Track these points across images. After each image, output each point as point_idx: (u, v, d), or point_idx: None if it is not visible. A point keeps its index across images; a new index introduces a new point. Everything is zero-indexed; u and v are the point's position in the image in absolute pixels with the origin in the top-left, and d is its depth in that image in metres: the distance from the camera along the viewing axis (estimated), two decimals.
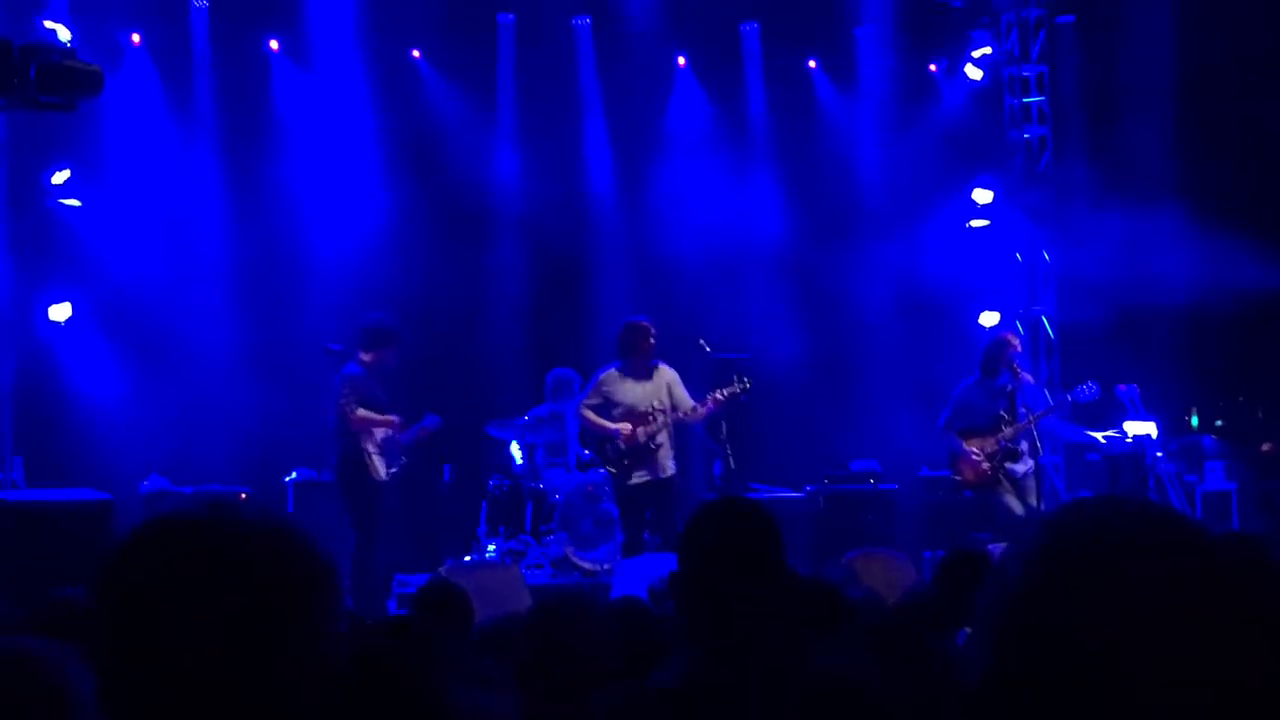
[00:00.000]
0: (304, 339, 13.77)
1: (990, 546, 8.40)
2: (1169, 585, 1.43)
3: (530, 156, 14.99)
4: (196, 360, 13.56)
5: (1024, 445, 11.88)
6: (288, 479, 13.17)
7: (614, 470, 11.90)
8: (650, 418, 11.78)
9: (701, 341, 12.77)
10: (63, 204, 13.34)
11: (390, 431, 11.33)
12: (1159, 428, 12.55)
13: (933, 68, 15.92)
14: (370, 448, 11.18)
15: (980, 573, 5.82)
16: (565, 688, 4.18)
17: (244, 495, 12.94)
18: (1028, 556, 1.50)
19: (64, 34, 12.46)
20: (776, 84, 15.72)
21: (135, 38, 13.98)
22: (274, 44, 14.40)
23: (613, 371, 11.94)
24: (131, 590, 1.72)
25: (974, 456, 11.83)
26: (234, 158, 14.14)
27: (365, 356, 11.34)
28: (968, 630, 4.92)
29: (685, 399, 11.87)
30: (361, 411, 11.12)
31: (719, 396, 11.80)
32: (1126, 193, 14.74)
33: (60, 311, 13.22)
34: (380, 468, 11.24)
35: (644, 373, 11.85)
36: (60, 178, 13.24)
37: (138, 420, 13.29)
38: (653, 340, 11.80)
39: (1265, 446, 13.34)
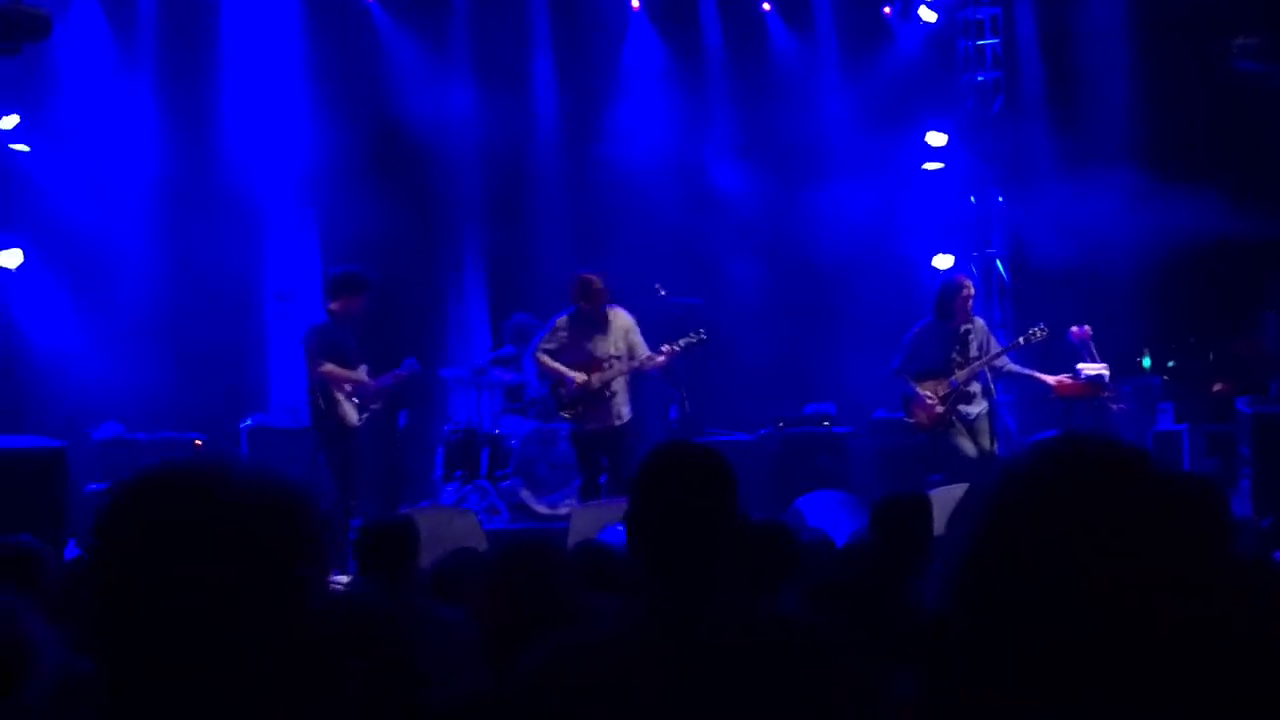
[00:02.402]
0: (256, 283, 13.73)
1: (935, 490, 8.46)
2: (1128, 515, 1.47)
3: (483, 99, 14.89)
4: (149, 306, 13.48)
5: (976, 387, 11.96)
6: (242, 425, 13.13)
7: (568, 414, 11.91)
8: (606, 364, 11.78)
9: (657, 286, 12.77)
10: (11, 149, 13.22)
11: (358, 384, 11.27)
12: (1111, 370, 12.63)
13: (887, 10, 15.89)
14: (340, 395, 11.16)
15: (918, 515, 5.87)
16: (524, 630, 4.20)
17: (198, 442, 12.92)
18: (992, 494, 1.52)
19: None
20: (731, 26, 15.66)
21: None
22: None
23: (570, 315, 11.90)
24: (128, 539, 1.71)
25: (927, 399, 11.90)
26: (183, 101, 14.00)
27: (333, 305, 11.28)
28: (915, 574, 4.96)
29: (641, 347, 11.84)
30: (328, 366, 11.08)
31: (675, 348, 11.78)
32: (1080, 136, 14.80)
33: (11, 258, 13.10)
34: (352, 414, 11.22)
35: (598, 320, 11.82)
36: (8, 123, 13.11)
37: (91, 367, 13.21)
38: (603, 287, 11.73)
39: (1216, 387, 13.45)
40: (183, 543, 1.69)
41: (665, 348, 11.79)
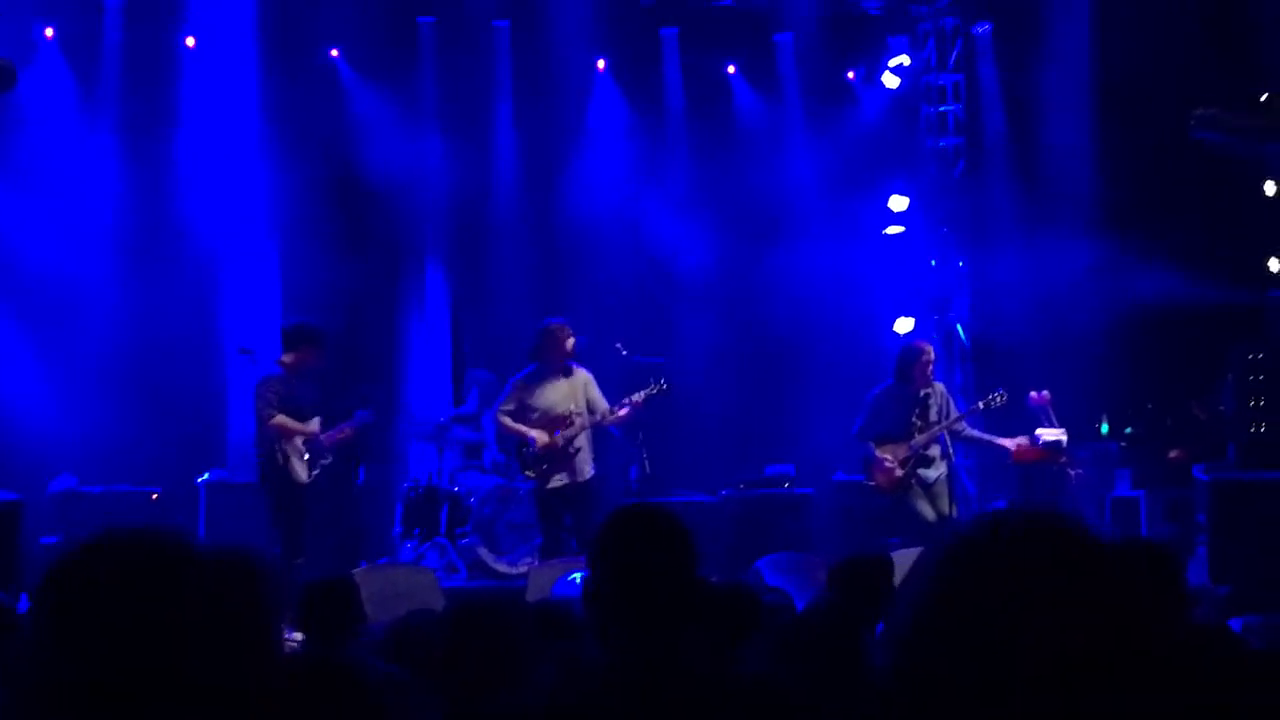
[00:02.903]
0: (217, 338, 13.68)
1: (894, 552, 8.48)
2: (1066, 600, 1.49)
3: (447, 152, 14.91)
4: (108, 357, 13.39)
5: (936, 451, 12.00)
6: (199, 480, 13.04)
7: (532, 474, 11.89)
8: (568, 421, 11.78)
9: (618, 345, 12.79)
10: None
11: (310, 437, 11.20)
12: (1069, 435, 12.69)
13: (851, 75, 16.02)
14: (289, 450, 11.08)
15: (877, 575, 5.88)
16: (480, 690, 4.17)
17: (155, 495, 12.82)
18: (940, 568, 1.55)
19: None
20: (696, 89, 15.73)
21: (48, 32, 13.81)
22: (190, 41, 14.22)
23: (529, 374, 11.93)
24: (76, 600, 1.69)
25: (887, 463, 11.93)
26: (145, 150, 13.96)
27: (286, 358, 11.22)
28: (876, 632, 4.97)
29: (601, 402, 11.88)
30: (279, 418, 11.00)
31: (636, 400, 11.83)
32: (1041, 201, 14.91)
33: None
34: (301, 470, 11.13)
35: (561, 375, 11.84)
36: None
37: (47, 418, 13.11)
38: (570, 341, 11.80)
39: (1173, 454, 13.51)
40: (133, 602, 1.67)
41: (627, 400, 11.82)
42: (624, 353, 12.75)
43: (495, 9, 15.00)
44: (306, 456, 11.15)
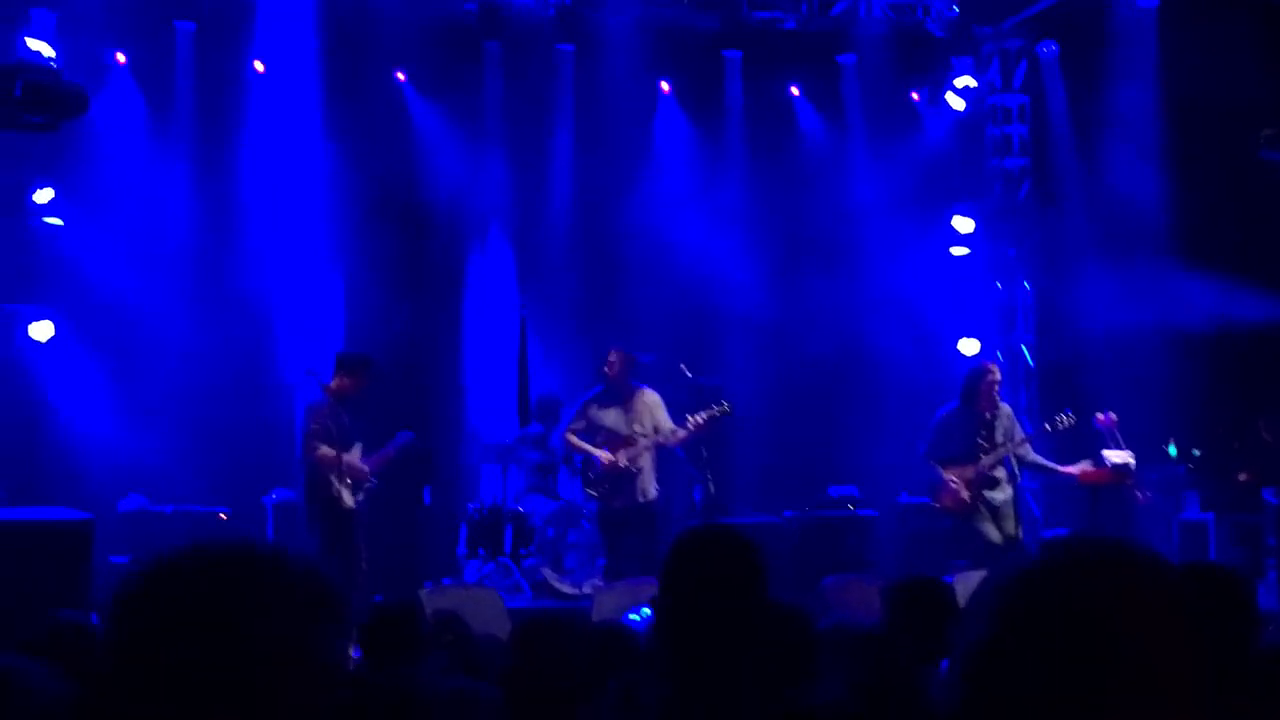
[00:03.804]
0: (284, 359, 13.78)
1: (949, 577, 8.42)
2: (1135, 636, 1.48)
3: (512, 181, 15.00)
4: (176, 379, 13.52)
5: (1002, 473, 11.94)
6: (267, 499, 13.15)
7: (596, 494, 11.95)
8: (631, 442, 11.84)
9: (682, 366, 12.81)
10: (46, 223, 13.34)
11: (351, 464, 11.26)
12: (1137, 457, 12.59)
13: (915, 96, 15.98)
14: (335, 477, 11.16)
15: (932, 599, 5.83)
16: (546, 711, 4.19)
17: (223, 515, 12.94)
18: (1004, 601, 1.54)
19: (48, 52, 12.47)
20: (759, 111, 15.74)
21: (120, 57, 13.97)
22: (259, 65, 14.38)
23: (596, 395, 12.01)
24: (149, 620, 1.71)
25: (953, 484, 11.88)
26: (214, 179, 14.12)
27: (332, 385, 11.32)
28: (939, 662, 4.95)
29: (666, 423, 11.94)
30: (322, 450, 11.09)
31: (699, 420, 11.88)
32: (1107, 222, 14.82)
33: (42, 330, 13.18)
34: (347, 496, 11.20)
35: (625, 397, 11.91)
36: (43, 196, 13.23)
37: (117, 439, 13.26)
38: (635, 364, 11.87)
39: (1241, 477, 13.38)
40: (206, 624, 1.69)
41: (690, 419, 11.86)
42: (689, 374, 12.77)
43: (559, 33, 15.08)
44: (350, 483, 11.22)
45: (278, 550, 1.79)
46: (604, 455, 11.80)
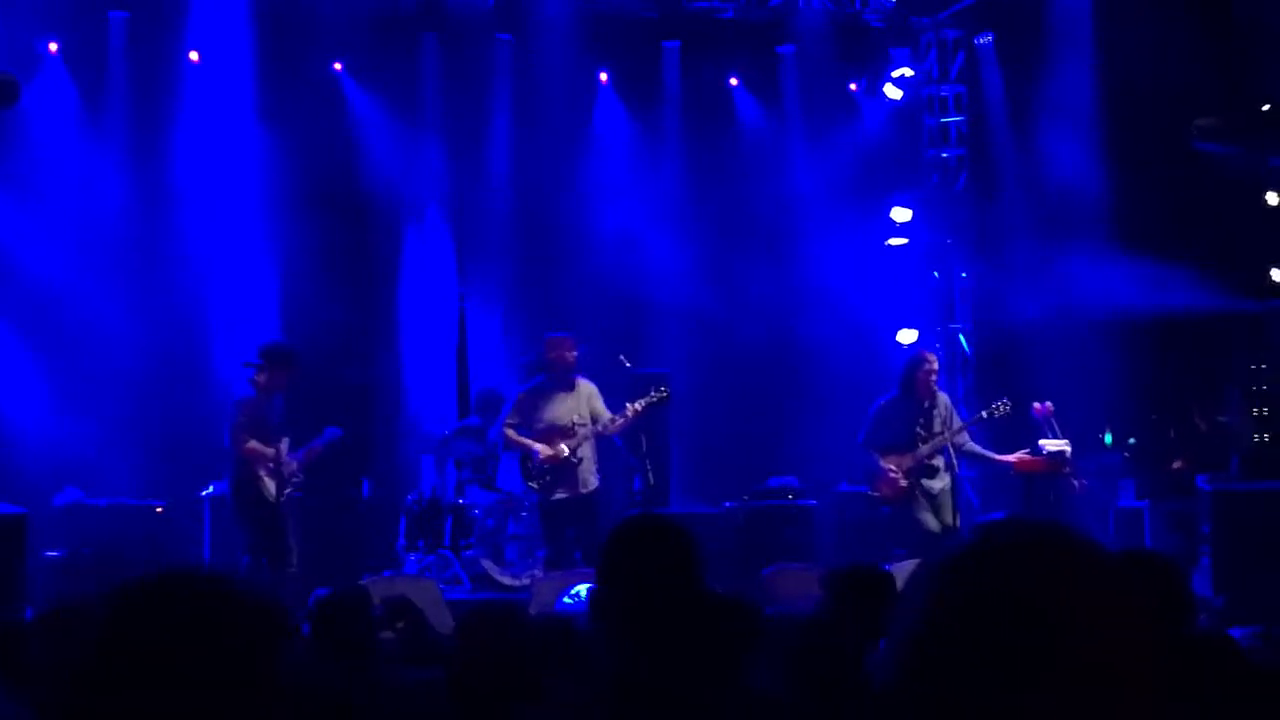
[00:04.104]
0: (219, 351, 13.68)
1: (887, 565, 8.45)
2: (1071, 616, 1.49)
3: (450, 170, 14.95)
4: (110, 371, 13.41)
5: (940, 462, 12.01)
6: (204, 493, 13.05)
7: (536, 485, 11.94)
8: (572, 432, 11.84)
9: (622, 357, 12.82)
10: None
11: (278, 458, 11.22)
12: (1073, 446, 12.68)
13: (853, 87, 16.03)
14: (261, 470, 11.11)
15: (870, 587, 5.86)
16: (489, 704, 4.18)
17: (160, 509, 12.84)
18: (940, 583, 1.55)
19: None
20: (698, 100, 15.75)
21: (52, 46, 13.83)
22: (194, 55, 14.26)
23: (533, 387, 12.00)
24: (110, 658, 1.78)
25: (891, 473, 11.94)
26: (148, 168, 14.00)
27: (259, 378, 11.24)
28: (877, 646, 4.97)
29: (604, 412, 11.95)
30: (251, 444, 11.06)
31: (636, 407, 11.91)
32: (1044, 211, 14.92)
33: None
34: (271, 488, 11.16)
35: (565, 387, 11.91)
36: None
37: (51, 432, 13.13)
38: (574, 354, 11.87)
39: (1176, 464, 13.50)
40: (174, 650, 1.76)
41: (628, 406, 11.88)
42: (627, 364, 12.78)
43: (497, 22, 15.03)
44: (278, 477, 11.18)
45: (216, 577, 1.87)
46: (542, 449, 11.80)
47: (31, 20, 13.41)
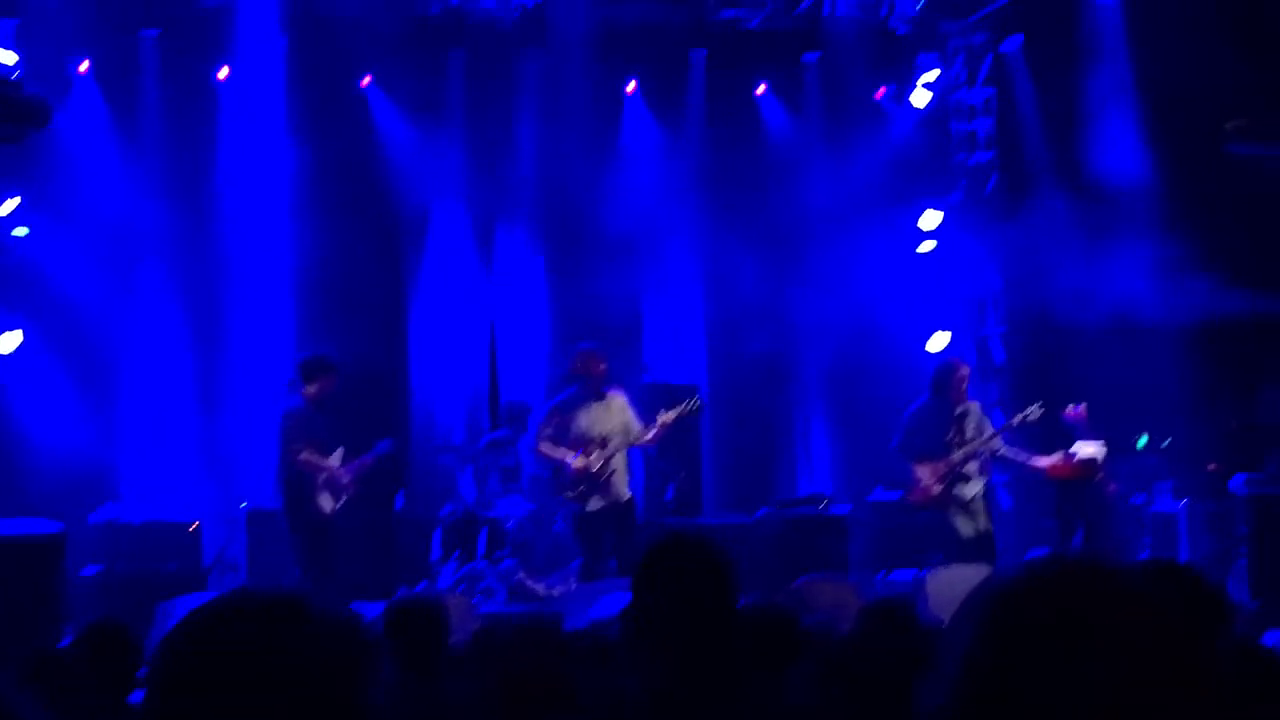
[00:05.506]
0: (256, 366, 13.74)
1: (922, 572, 8.45)
2: (1109, 663, 1.50)
3: (480, 184, 14.97)
4: (147, 388, 13.49)
5: (973, 468, 11.99)
6: (241, 507, 13.11)
7: (571, 496, 11.96)
8: (604, 443, 11.84)
9: (646, 366, 12.84)
10: (11, 233, 13.27)
11: (334, 472, 11.25)
12: (1107, 449, 12.63)
13: (881, 94, 16.01)
14: (316, 482, 11.14)
15: (902, 618, 5.84)
16: (523, 714, 4.19)
17: (193, 526, 12.89)
18: (991, 612, 1.56)
19: (9, 58, 12.38)
20: (725, 110, 15.73)
21: (83, 66, 13.92)
22: (223, 73, 14.33)
23: (566, 399, 12.01)
24: (187, 681, 1.70)
25: (924, 480, 11.92)
26: (182, 186, 14.06)
27: (309, 390, 11.28)
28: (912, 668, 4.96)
29: (635, 423, 11.95)
30: (306, 454, 11.08)
31: (667, 419, 11.90)
32: (1074, 216, 14.85)
33: (9, 340, 13.12)
34: (326, 502, 11.19)
35: (597, 398, 11.91)
36: (8, 207, 13.17)
37: (87, 449, 13.20)
38: (604, 365, 11.88)
39: (1211, 467, 13.44)
40: (244, 683, 1.67)
41: (659, 418, 11.88)
42: (649, 375, 12.80)
43: (524, 35, 15.05)
44: (331, 489, 11.20)
45: (292, 598, 1.76)
46: (575, 461, 11.81)
47: (62, 41, 13.49)
